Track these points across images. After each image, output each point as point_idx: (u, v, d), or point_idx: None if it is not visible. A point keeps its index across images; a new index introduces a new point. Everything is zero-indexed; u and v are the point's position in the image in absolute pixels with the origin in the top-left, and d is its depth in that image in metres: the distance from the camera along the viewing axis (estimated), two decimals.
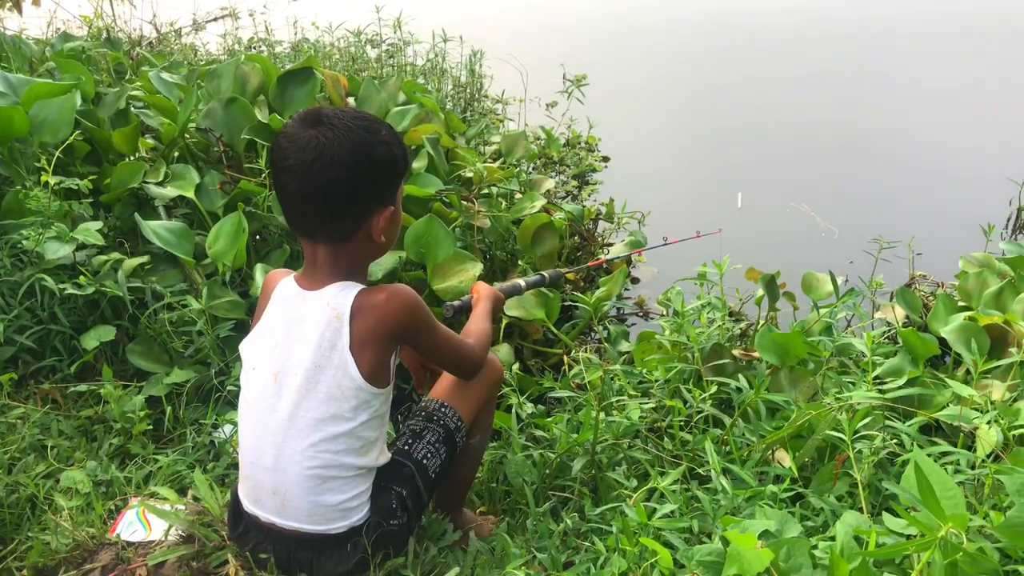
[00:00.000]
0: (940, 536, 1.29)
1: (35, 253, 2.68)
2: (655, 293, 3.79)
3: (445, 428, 1.84)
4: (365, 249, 1.65)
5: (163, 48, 7.18)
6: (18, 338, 2.58)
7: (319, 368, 1.57)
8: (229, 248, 2.88)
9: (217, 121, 3.46)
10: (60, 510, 1.96)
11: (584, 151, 5.38)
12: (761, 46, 7.96)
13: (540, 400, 2.75)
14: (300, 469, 1.58)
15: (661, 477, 1.89)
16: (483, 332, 1.91)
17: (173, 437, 2.50)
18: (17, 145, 3.00)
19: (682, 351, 2.69)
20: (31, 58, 4.60)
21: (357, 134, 1.52)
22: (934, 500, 1.32)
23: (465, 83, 5.85)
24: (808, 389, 2.55)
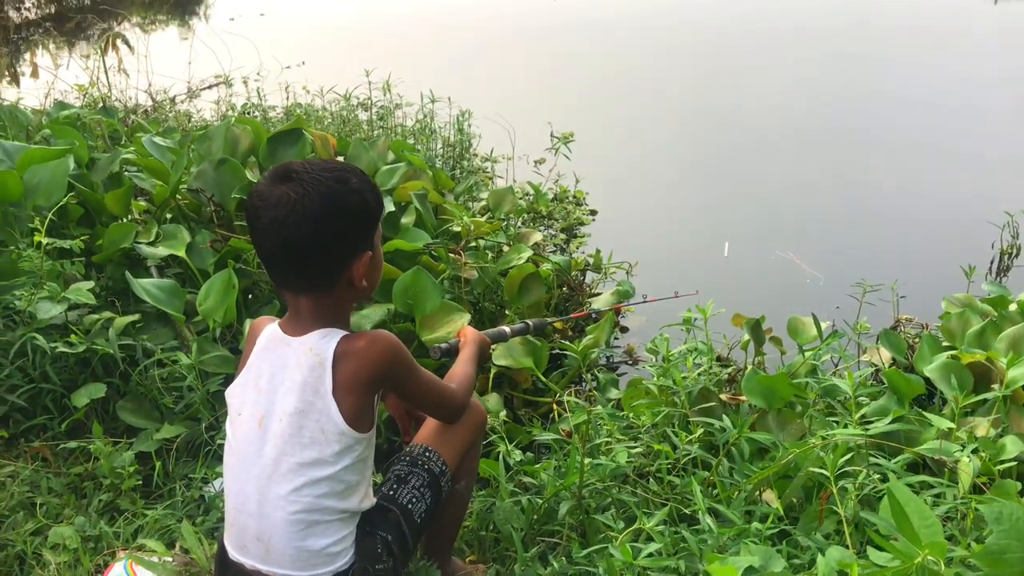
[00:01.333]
0: (917, 563, 1.30)
1: (27, 313, 2.70)
2: (644, 341, 3.81)
3: (430, 472, 1.85)
4: (347, 295, 1.68)
5: (158, 115, 7.30)
6: (9, 397, 2.60)
7: (302, 413, 1.59)
8: (219, 305, 2.91)
9: (208, 181, 3.53)
10: (48, 565, 1.96)
11: (572, 204, 5.46)
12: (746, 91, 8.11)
13: (529, 448, 2.75)
14: (284, 514, 1.59)
15: (647, 518, 1.89)
16: (467, 376, 1.93)
17: (163, 492, 2.50)
18: (11, 209, 3.06)
19: (669, 396, 2.71)
20: (27, 127, 4.69)
21: (327, 186, 1.55)
22: (909, 527, 1.33)
23: (454, 142, 5.96)
24: (796, 431, 2.57)
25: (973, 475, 1.85)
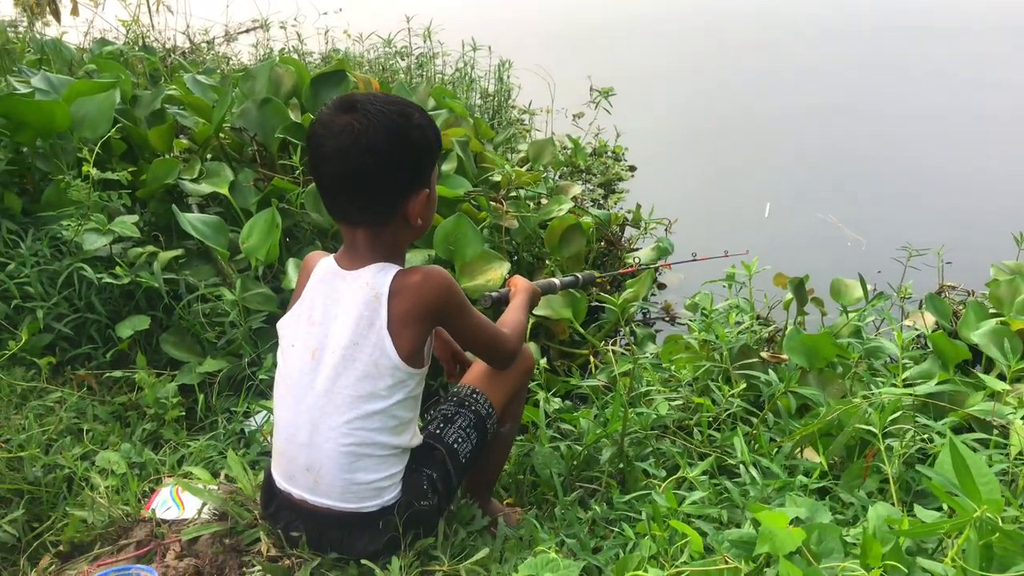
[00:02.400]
0: (976, 516, 1.29)
1: (74, 243, 2.73)
2: (681, 299, 3.80)
3: (476, 414, 1.85)
4: (402, 232, 1.67)
5: (195, 57, 7.29)
6: (56, 325, 2.63)
7: (356, 346, 1.59)
8: (262, 243, 2.92)
9: (251, 121, 3.52)
10: (96, 488, 1.99)
11: (611, 160, 5.41)
12: (792, 54, 7.96)
13: (567, 397, 2.76)
14: (335, 445, 1.60)
15: (690, 468, 1.89)
16: (519, 322, 1.92)
17: (204, 425, 2.53)
18: (58, 140, 3.07)
19: (710, 351, 2.70)
20: (70, 61, 4.70)
21: (391, 118, 1.55)
22: (970, 481, 1.32)
23: (493, 92, 5.90)
24: (837, 391, 2.55)
25: None
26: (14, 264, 2.66)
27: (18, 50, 4.73)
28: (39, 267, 2.68)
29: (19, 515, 2.00)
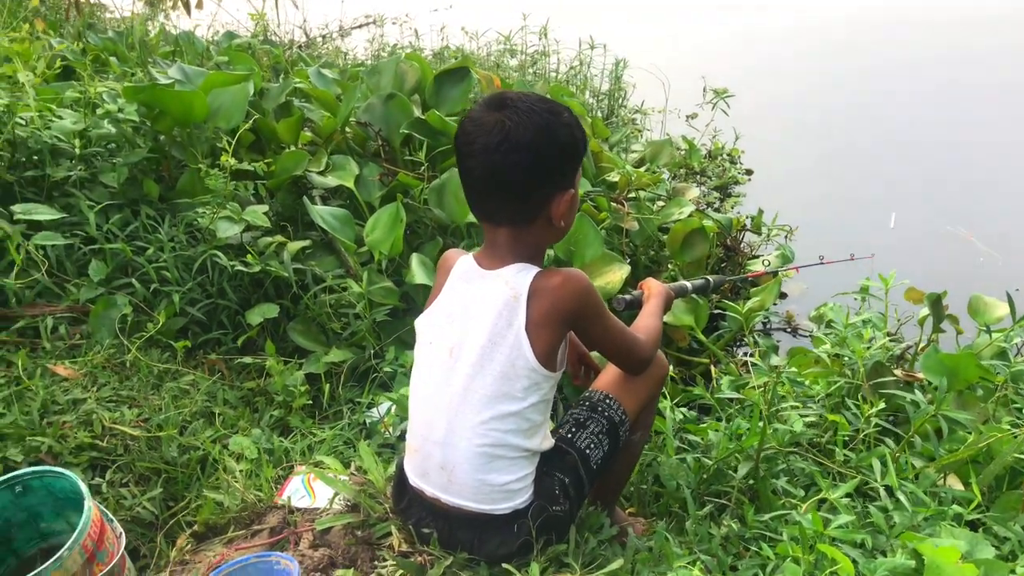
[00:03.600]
0: None
1: (208, 231, 2.81)
2: (803, 309, 3.68)
3: (609, 420, 1.81)
4: (544, 233, 1.64)
5: (311, 52, 7.47)
6: (190, 310, 2.71)
7: (494, 345, 1.57)
8: (386, 237, 2.95)
9: (376, 116, 3.57)
10: (231, 471, 2.04)
11: (727, 163, 5.28)
12: (924, 62, 7.62)
13: (685, 407, 2.69)
14: (470, 445, 1.59)
15: (832, 489, 1.81)
16: (654, 328, 1.87)
17: (328, 414, 2.57)
18: (194, 130, 3.16)
19: (842, 367, 2.59)
20: (201, 53, 4.86)
21: (541, 117, 1.53)
22: None
23: (607, 91, 5.84)
24: (978, 415, 2.41)
25: None
26: (152, 249, 2.76)
27: (153, 43, 4.91)
28: (175, 252, 2.77)
29: (157, 493, 2.08)
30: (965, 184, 5.16)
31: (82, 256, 2.72)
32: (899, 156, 5.59)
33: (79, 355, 2.46)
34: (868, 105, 6.59)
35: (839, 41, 8.33)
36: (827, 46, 8.13)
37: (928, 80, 7.20)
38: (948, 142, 5.78)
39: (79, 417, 2.18)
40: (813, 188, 5.15)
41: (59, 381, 2.31)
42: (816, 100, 6.67)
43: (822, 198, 4.99)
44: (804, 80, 7.18)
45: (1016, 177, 5.24)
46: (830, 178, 5.31)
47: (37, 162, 2.88)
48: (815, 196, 5.00)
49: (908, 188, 5.03)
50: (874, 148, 5.76)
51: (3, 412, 2.12)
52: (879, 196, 4.89)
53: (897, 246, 4.33)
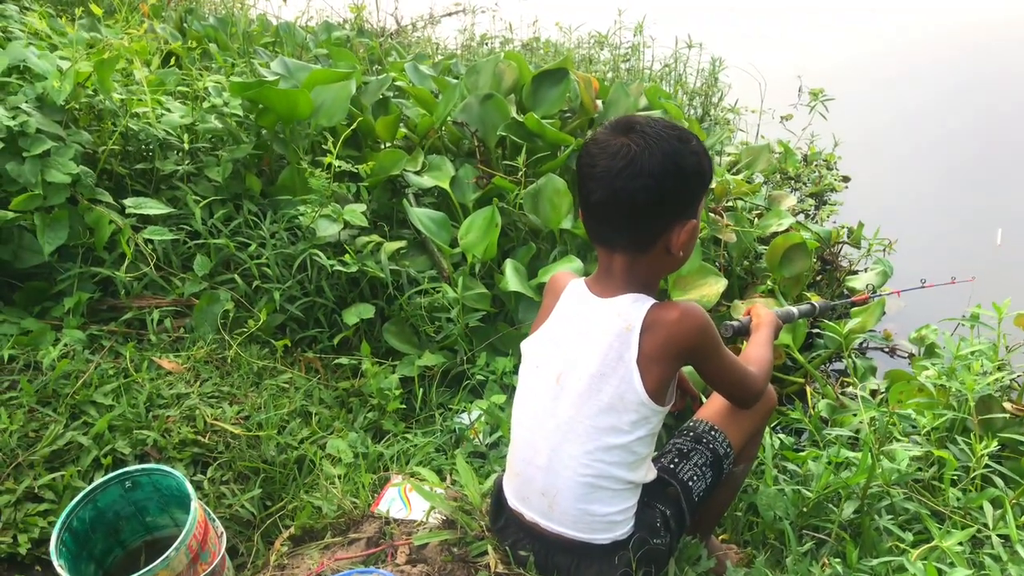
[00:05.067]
0: None
1: (308, 229, 2.85)
2: (902, 328, 3.55)
3: (714, 452, 1.78)
4: (661, 262, 1.60)
5: (402, 40, 7.52)
6: (289, 307, 2.76)
7: (603, 377, 1.55)
8: (480, 240, 2.95)
9: (473, 116, 3.56)
10: (330, 476, 2.07)
11: (823, 169, 5.13)
12: None
13: (781, 430, 2.63)
14: (573, 474, 1.58)
15: (944, 535, 1.74)
16: (766, 360, 1.82)
17: (420, 418, 2.59)
18: (297, 127, 3.21)
19: (947, 398, 2.49)
20: (301, 44, 4.93)
21: (669, 143, 1.49)
22: None
23: (701, 90, 5.73)
24: None
25: None
26: (254, 245, 2.81)
27: (255, 33, 5.01)
28: (276, 249, 2.82)
29: (257, 493, 2.12)
30: None
31: (187, 250, 2.79)
32: (1009, 169, 5.34)
33: (182, 348, 2.53)
34: (976, 115, 6.30)
35: (954, 48, 7.97)
36: (939, 53, 7.79)
37: None
38: None
39: (182, 412, 2.25)
40: (915, 198, 4.96)
41: (164, 375, 2.38)
42: (924, 108, 6.41)
43: (924, 210, 4.80)
44: (908, 87, 6.91)
45: None
46: (932, 189, 5.11)
47: (146, 155, 2.96)
48: (917, 207, 4.82)
49: (1018, 202, 4.80)
50: (980, 159, 5.52)
51: (113, 404, 2.19)
52: (986, 211, 4.68)
53: (1005, 265, 4.14)
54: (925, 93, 6.68)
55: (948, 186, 5.11)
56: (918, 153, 5.60)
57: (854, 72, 7.12)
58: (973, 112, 6.31)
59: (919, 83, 6.90)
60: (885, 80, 6.95)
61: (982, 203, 4.80)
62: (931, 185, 5.16)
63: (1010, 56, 7.63)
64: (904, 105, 6.42)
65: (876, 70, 7.19)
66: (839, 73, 6.82)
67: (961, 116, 6.22)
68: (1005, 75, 7.01)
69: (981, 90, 6.73)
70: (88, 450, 2.05)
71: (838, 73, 6.80)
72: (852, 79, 6.85)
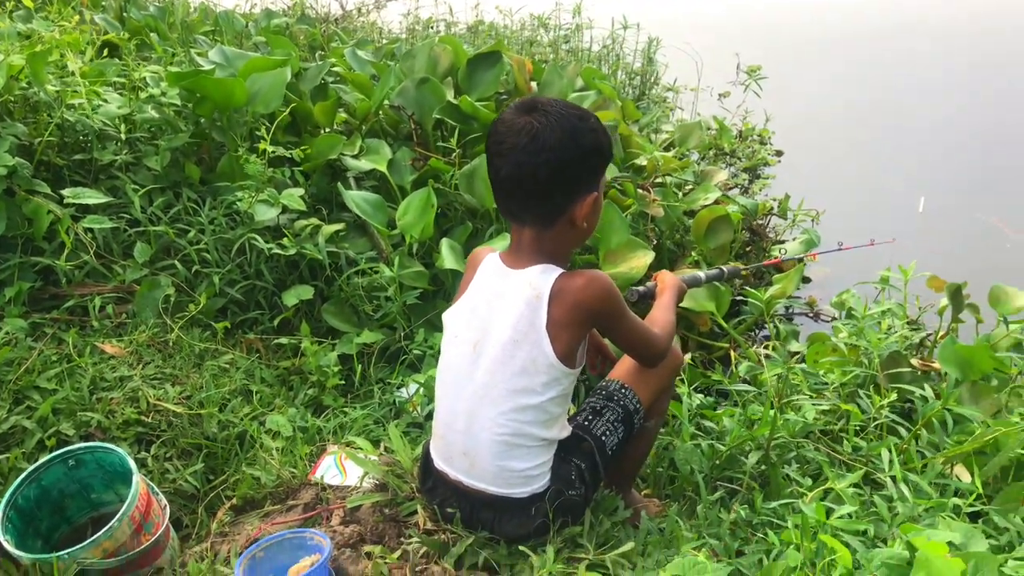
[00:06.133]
0: None
1: (247, 214, 2.92)
2: (826, 294, 3.72)
3: (624, 409, 1.91)
4: (567, 234, 1.72)
5: (347, 25, 7.54)
6: (229, 291, 2.84)
7: (516, 343, 1.66)
8: (418, 221, 3.05)
9: (409, 99, 3.65)
10: (268, 449, 2.17)
11: (756, 144, 5.29)
12: (952, 52, 7.51)
13: (706, 392, 2.77)
14: (490, 434, 1.69)
15: (838, 479, 1.89)
16: (668, 321, 1.95)
17: (359, 393, 2.69)
18: (234, 114, 3.27)
19: (859, 356, 2.65)
20: (239, 32, 4.96)
21: (569, 121, 1.60)
22: None
23: (640, 70, 5.86)
24: (990, 406, 2.46)
25: None
26: (193, 231, 2.88)
27: (195, 22, 5.02)
28: (215, 235, 2.89)
29: (199, 468, 2.21)
30: (998, 170, 5.12)
31: (127, 238, 2.85)
32: (932, 141, 5.55)
33: (125, 334, 2.60)
34: (902, 90, 6.53)
35: (878, 26, 8.20)
36: (867, 31, 8.01)
37: (967, 66, 7.10)
38: (982, 128, 5.72)
39: (126, 394, 2.32)
40: (843, 171, 5.15)
41: (107, 359, 2.45)
42: (850, 84, 6.62)
43: (852, 182, 4.99)
44: (840, 63, 7.11)
45: None
46: (861, 162, 5.30)
47: (84, 146, 3.01)
48: (845, 179, 5.01)
49: (939, 174, 5.01)
50: (907, 133, 5.73)
51: (56, 388, 2.26)
52: (910, 181, 4.89)
53: (926, 231, 4.34)
54: (859, 69, 6.89)
55: (875, 158, 5.31)
56: (848, 127, 5.80)
57: (792, 50, 7.31)
58: (899, 86, 6.53)
59: (850, 60, 7.11)
60: (819, 57, 7.15)
61: (906, 173, 5.00)
62: (859, 157, 5.36)
63: (933, 34, 7.89)
64: (836, 80, 6.62)
65: (811, 47, 7.39)
66: (777, 52, 7.00)
67: (888, 90, 6.44)
68: (929, 52, 7.24)
69: (908, 65, 6.95)
70: (32, 433, 2.12)
71: (776, 52, 6.97)
72: (789, 57, 7.03)
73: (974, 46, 7.63)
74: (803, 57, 7.09)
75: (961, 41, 7.67)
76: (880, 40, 7.73)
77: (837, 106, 6.21)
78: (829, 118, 5.99)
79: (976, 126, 5.77)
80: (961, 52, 7.46)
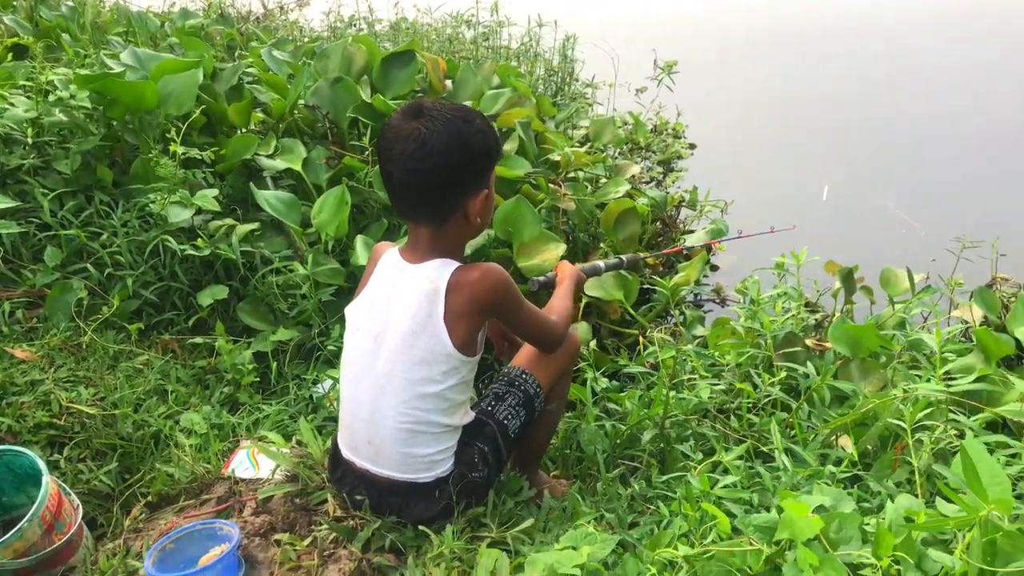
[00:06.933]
0: (981, 516, 1.39)
1: (160, 216, 2.94)
2: (734, 281, 3.87)
3: (525, 393, 2.00)
4: (462, 229, 1.80)
5: (268, 24, 7.50)
6: (143, 292, 2.85)
7: (415, 334, 1.74)
8: (332, 219, 3.10)
9: (324, 99, 3.69)
10: (182, 446, 2.21)
11: (671, 138, 5.45)
12: (854, 46, 7.83)
13: (615, 376, 2.89)
14: (393, 423, 1.77)
15: (726, 452, 2.01)
16: (565, 309, 2.06)
17: (276, 390, 2.73)
18: (146, 116, 3.27)
19: (755, 338, 2.79)
20: (154, 33, 4.92)
21: (455, 124, 1.68)
22: (978, 483, 1.42)
23: (557, 67, 5.97)
24: (878, 381, 2.63)
25: None
26: (106, 234, 2.88)
27: (107, 23, 4.96)
28: (128, 237, 2.90)
29: (113, 467, 2.23)
30: (897, 158, 5.38)
31: (37, 242, 2.84)
32: (837, 131, 5.80)
33: (36, 338, 2.60)
34: (811, 84, 6.79)
35: (790, 25, 8.50)
36: (778, 29, 8.29)
37: (869, 59, 7.41)
38: (882, 117, 5.99)
39: (37, 397, 2.32)
40: (753, 162, 5.35)
41: (17, 364, 2.45)
42: (763, 80, 6.85)
43: (761, 172, 5.19)
44: (754, 61, 7.35)
45: (944, 151, 5.47)
46: (771, 154, 5.51)
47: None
48: (754, 170, 5.20)
49: (842, 163, 5.24)
50: (814, 125, 5.96)
51: None
52: (816, 171, 5.10)
53: (829, 218, 4.54)
54: (772, 66, 7.14)
55: (784, 150, 5.53)
56: (760, 121, 6.01)
57: (708, 48, 7.52)
58: (808, 80, 6.79)
59: (764, 57, 7.36)
60: (735, 51, 7.37)
61: (812, 164, 5.22)
62: (770, 150, 5.57)
63: (838, 29, 8.21)
64: (750, 76, 6.85)
65: (726, 46, 7.62)
66: (694, 50, 7.19)
67: (798, 85, 6.69)
68: (837, 48, 7.53)
69: (817, 61, 7.22)
70: None
71: (693, 50, 7.16)
72: (706, 55, 7.23)
73: (878, 40, 7.95)
74: (719, 55, 7.31)
75: (865, 37, 7.98)
76: (792, 38, 8.00)
77: (750, 101, 6.43)
78: (743, 113, 6.19)
79: (877, 116, 6.03)
80: (865, 46, 7.77)
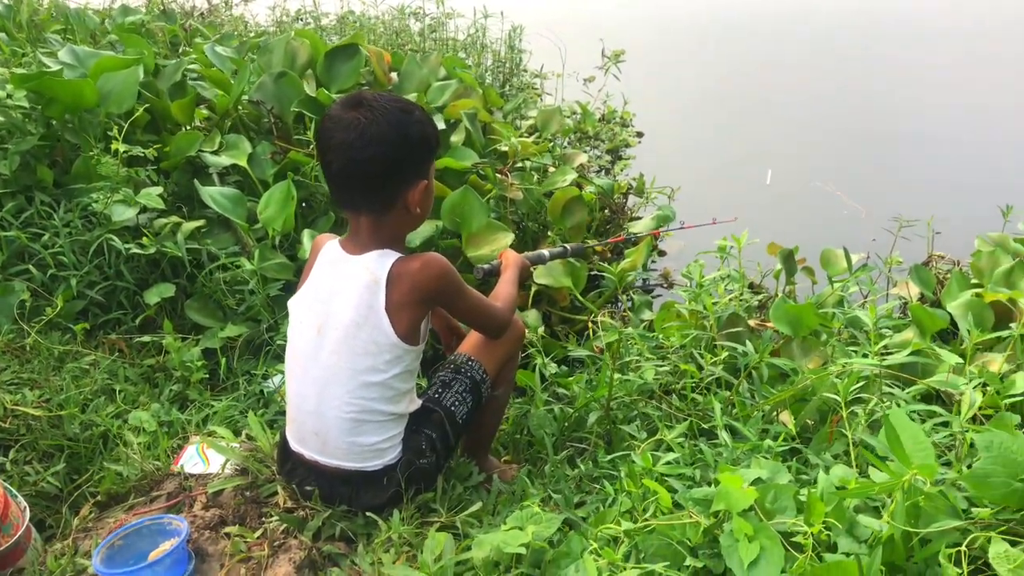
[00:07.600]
0: (904, 480, 1.45)
1: (103, 215, 2.91)
2: (681, 265, 3.95)
3: (472, 379, 2.03)
4: (402, 220, 1.82)
5: (214, 19, 7.41)
6: (88, 292, 2.83)
7: (358, 325, 1.76)
8: (279, 214, 3.09)
9: (268, 94, 3.67)
10: (130, 444, 2.20)
11: (618, 126, 5.51)
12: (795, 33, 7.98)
13: (564, 362, 2.93)
14: (339, 413, 1.79)
15: (669, 431, 2.06)
16: (510, 295, 2.09)
17: (226, 386, 2.73)
18: (86, 115, 3.23)
19: (699, 320, 2.85)
20: (93, 30, 4.85)
21: (394, 115, 1.70)
22: (901, 449, 1.48)
23: (504, 58, 5.99)
24: (819, 358, 2.71)
25: (973, 407, 1.97)
26: (48, 235, 2.85)
27: (44, 20, 4.88)
28: (71, 237, 2.87)
29: (61, 468, 2.22)
30: (836, 140, 5.50)
31: None
32: (780, 117, 5.91)
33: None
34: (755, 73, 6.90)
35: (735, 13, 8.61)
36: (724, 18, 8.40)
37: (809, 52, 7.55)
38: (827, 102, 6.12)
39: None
40: (699, 149, 5.44)
41: None
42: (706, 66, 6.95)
43: (707, 158, 5.27)
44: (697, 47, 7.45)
45: (883, 134, 5.60)
46: (718, 140, 5.61)
47: None
48: (701, 156, 5.29)
49: (785, 148, 5.35)
50: (758, 109, 6.07)
51: None
52: (760, 156, 5.20)
53: (773, 202, 4.63)
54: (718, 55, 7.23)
55: (730, 136, 5.62)
56: (707, 109, 6.10)
57: (655, 34, 7.59)
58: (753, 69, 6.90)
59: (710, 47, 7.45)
60: (681, 40, 7.46)
61: (755, 149, 5.32)
62: (717, 136, 5.66)
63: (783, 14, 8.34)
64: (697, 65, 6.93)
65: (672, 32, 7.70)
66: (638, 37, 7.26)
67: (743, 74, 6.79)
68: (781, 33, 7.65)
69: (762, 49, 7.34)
70: None
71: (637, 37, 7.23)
72: (652, 40, 7.30)
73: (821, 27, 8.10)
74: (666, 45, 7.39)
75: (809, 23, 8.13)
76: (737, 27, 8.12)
77: (697, 88, 6.52)
78: (689, 100, 6.28)
79: (821, 101, 6.16)
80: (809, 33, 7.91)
